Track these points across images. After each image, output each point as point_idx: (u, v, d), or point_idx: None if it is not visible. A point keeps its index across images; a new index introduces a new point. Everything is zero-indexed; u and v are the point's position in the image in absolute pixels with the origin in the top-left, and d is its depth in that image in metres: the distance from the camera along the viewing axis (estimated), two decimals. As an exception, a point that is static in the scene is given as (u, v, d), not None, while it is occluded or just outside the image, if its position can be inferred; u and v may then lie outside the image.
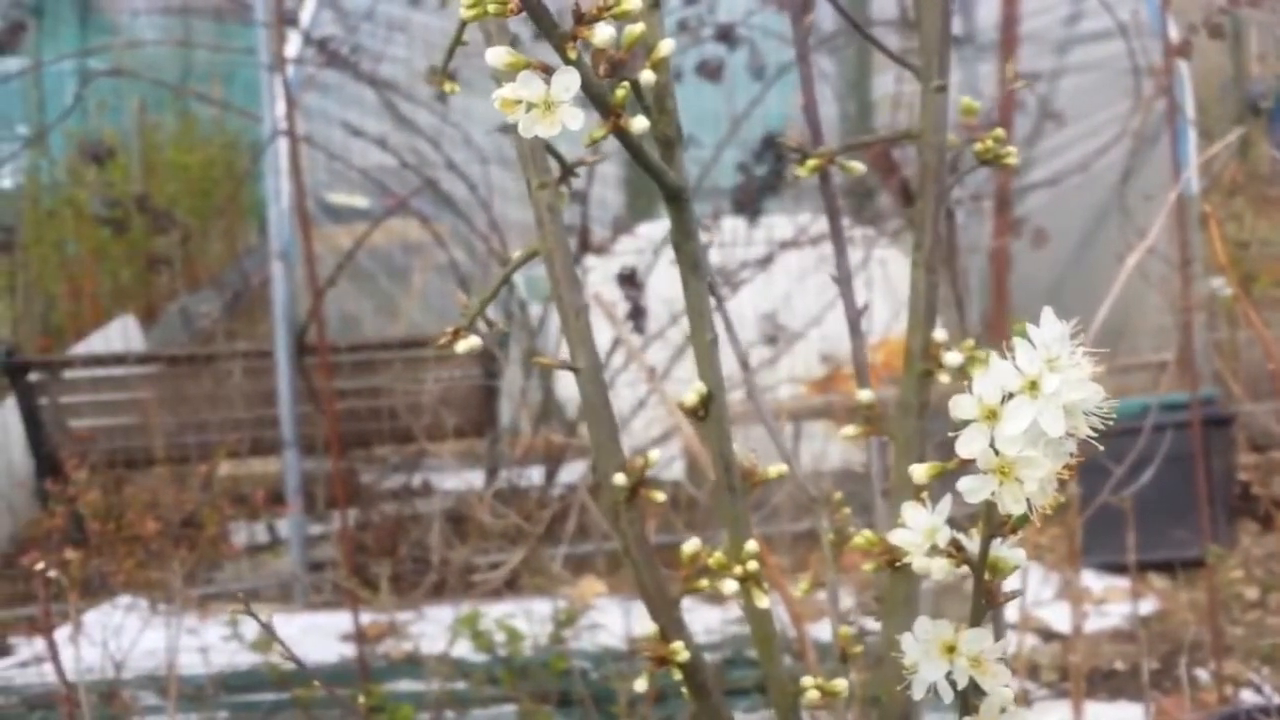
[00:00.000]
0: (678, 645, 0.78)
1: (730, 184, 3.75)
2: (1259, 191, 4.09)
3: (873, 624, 2.66)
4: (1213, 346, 3.87)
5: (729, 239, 3.78)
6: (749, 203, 3.71)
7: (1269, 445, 3.61)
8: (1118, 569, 3.00)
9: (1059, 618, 2.92)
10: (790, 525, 3.33)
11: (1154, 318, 3.55)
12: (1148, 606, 3.01)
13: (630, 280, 3.59)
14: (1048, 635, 2.91)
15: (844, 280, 0.89)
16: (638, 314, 3.59)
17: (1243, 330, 3.90)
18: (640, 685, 0.77)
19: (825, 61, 3.98)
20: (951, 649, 0.64)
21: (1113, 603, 3.05)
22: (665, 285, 3.58)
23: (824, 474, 3.37)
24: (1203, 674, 2.56)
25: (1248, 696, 2.44)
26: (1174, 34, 3.23)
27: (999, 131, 0.96)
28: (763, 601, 0.78)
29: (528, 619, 2.89)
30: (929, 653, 0.64)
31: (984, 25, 3.89)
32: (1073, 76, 4.07)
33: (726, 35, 3.56)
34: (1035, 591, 2.91)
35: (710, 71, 3.51)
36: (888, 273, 3.73)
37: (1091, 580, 3.08)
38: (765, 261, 3.78)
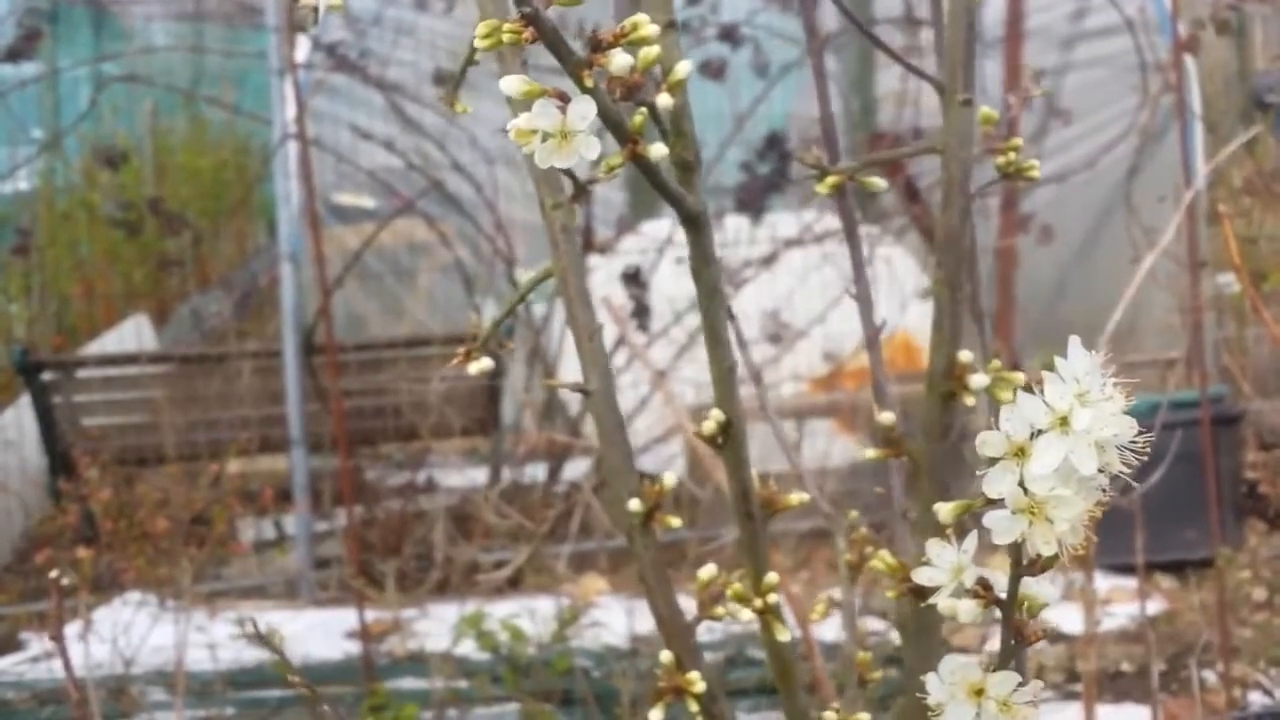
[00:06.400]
0: (694, 675, 0.74)
1: (734, 182, 3.74)
2: (1266, 187, 4.08)
3: (877, 624, 2.66)
4: (1220, 344, 3.86)
5: (732, 238, 3.77)
6: (752, 201, 3.71)
7: (1277, 443, 3.59)
8: (1124, 569, 2.99)
9: (1065, 619, 2.91)
10: (794, 523, 3.33)
11: (1160, 315, 3.54)
12: (1155, 607, 3.01)
13: (635, 279, 3.59)
14: (1054, 636, 2.90)
15: (863, 300, 0.85)
16: (642, 312, 3.59)
17: (1250, 327, 3.88)
18: (656, 717, 0.73)
19: (829, 59, 3.96)
20: (979, 691, 0.60)
21: (1119, 603, 3.04)
22: (669, 283, 3.58)
23: (828, 472, 3.36)
24: (1211, 676, 2.55)
25: (1256, 699, 2.43)
26: (1181, 29, 3.22)
27: (1017, 141, 0.93)
28: (783, 635, 0.75)
29: (530, 617, 2.89)
30: (955, 695, 0.60)
31: (990, 22, 3.88)
32: (1079, 72, 4.05)
33: (730, 35, 3.55)
34: (1042, 591, 2.90)
35: (714, 71, 3.50)
36: (893, 270, 3.73)
37: (1097, 580, 3.07)
38: (769, 260, 3.78)
